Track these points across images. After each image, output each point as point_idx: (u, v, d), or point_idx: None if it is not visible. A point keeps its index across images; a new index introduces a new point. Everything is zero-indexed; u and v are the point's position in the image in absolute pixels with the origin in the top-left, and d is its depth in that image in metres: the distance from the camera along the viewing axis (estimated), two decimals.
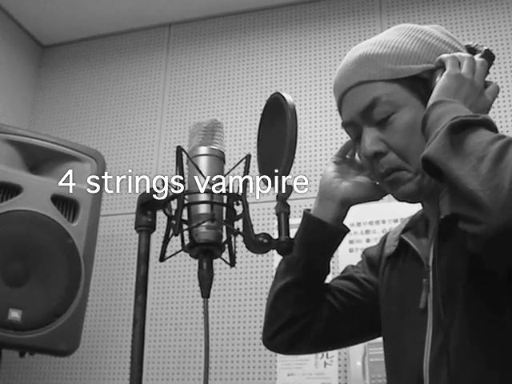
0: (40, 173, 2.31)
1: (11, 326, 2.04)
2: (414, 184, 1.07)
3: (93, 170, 2.37)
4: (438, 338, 1.01)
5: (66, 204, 2.27)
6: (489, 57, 1.09)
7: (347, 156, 1.26)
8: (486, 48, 1.10)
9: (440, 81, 1.01)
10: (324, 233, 1.20)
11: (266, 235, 0.88)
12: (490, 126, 0.90)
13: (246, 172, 0.92)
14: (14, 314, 2.06)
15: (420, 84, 1.06)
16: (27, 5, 3.19)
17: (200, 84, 3.16)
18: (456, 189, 0.86)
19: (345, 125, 1.16)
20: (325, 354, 2.46)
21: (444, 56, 1.05)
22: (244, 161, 0.93)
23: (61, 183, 2.26)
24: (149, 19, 3.31)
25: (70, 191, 2.27)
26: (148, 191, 0.93)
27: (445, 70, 1.03)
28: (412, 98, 1.07)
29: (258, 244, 0.87)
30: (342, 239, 1.25)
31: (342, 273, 1.34)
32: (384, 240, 1.29)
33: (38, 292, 2.12)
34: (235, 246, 0.93)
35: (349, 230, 1.25)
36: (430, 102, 0.99)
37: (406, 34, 1.12)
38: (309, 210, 1.24)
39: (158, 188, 0.92)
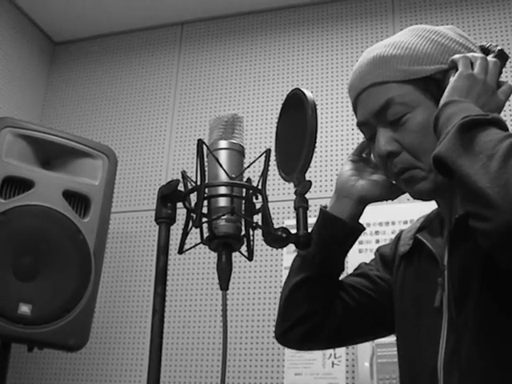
0: (52, 168, 2.32)
1: (21, 320, 2.05)
2: (428, 182, 1.07)
3: (104, 166, 2.38)
4: (452, 337, 1.01)
5: (78, 200, 2.28)
6: (502, 57, 1.09)
7: (363, 155, 1.26)
8: (499, 48, 1.10)
9: (452, 81, 1.02)
10: (340, 230, 1.21)
11: (285, 229, 0.88)
12: (501, 125, 0.91)
13: (266, 166, 0.93)
14: (24, 309, 2.06)
15: (433, 84, 1.07)
16: (40, 1, 3.20)
17: (212, 82, 3.17)
18: (466, 187, 0.87)
19: (359, 125, 1.17)
20: (332, 354, 2.46)
21: (456, 56, 1.06)
22: (264, 155, 0.93)
23: (72, 179, 2.28)
24: (161, 18, 3.31)
25: (82, 187, 2.28)
26: (168, 184, 0.94)
27: (457, 70, 1.03)
28: (425, 98, 1.07)
29: (277, 238, 0.88)
30: (357, 237, 1.25)
31: (356, 270, 1.34)
32: (398, 238, 1.29)
33: (49, 287, 2.13)
34: (254, 240, 0.94)
35: (365, 229, 1.26)
36: (442, 102, 0.99)
37: (420, 35, 1.12)
38: (325, 206, 1.25)
39: (178, 181, 0.93)
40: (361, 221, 1.24)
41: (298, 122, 0.93)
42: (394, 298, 1.23)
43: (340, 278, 1.29)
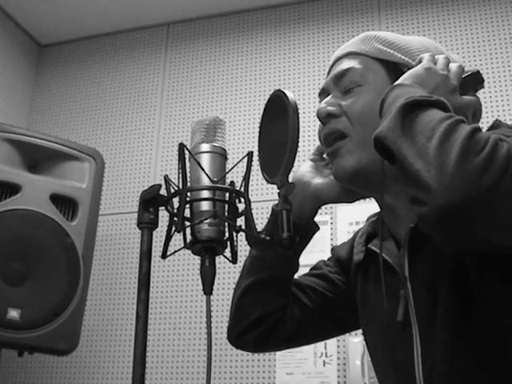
0: (39, 172, 2.31)
1: (10, 326, 2.04)
2: (353, 158, 1.05)
3: (91, 168, 2.37)
4: (427, 354, 0.98)
5: (65, 203, 2.27)
6: (475, 76, 1.05)
7: (324, 156, 1.22)
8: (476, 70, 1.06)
9: (412, 69, 1.01)
10: None
11: (268, 232, 0.88)
12: (444, 107, 0.88)
13: (248, 169, 0.92)
14: (13, 314, 2.05)
15: (399, 75, 1.04)
16: (25, 4, 3.19)
17: (198, 83, 3.16)
18: (404, 169, 0.83)
19: (319, 94, 1.15)
20: (324, 352, 2.46)
21: (424, 54, 1.05)
22: (246, 158, 0.93)
23: (59, 182, 2.27)
24: (147, 18, 3.30)
25: (69, 190, 2.28)
26: (150, 188, 0.93)
27: None
28: (386, 81, 1.07)
29: (260, 241, 0.87)
30: (310, 238, 1.21)
31: (314, 269, 1.29)
32: (353, 241, 1.24)
33: (37, 291, 2.12)
34: (237, 243, 0.93)
35: (318, 229, 1.21)
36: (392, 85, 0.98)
37: (423, 39, 1.13)
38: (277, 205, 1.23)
39: (159, 185, 0.92)
40: (351, 219, 1.21)
41: (280, 123, 0.92)
42: (359, 307, 1.18)
43: (298, 278, 1.25)
